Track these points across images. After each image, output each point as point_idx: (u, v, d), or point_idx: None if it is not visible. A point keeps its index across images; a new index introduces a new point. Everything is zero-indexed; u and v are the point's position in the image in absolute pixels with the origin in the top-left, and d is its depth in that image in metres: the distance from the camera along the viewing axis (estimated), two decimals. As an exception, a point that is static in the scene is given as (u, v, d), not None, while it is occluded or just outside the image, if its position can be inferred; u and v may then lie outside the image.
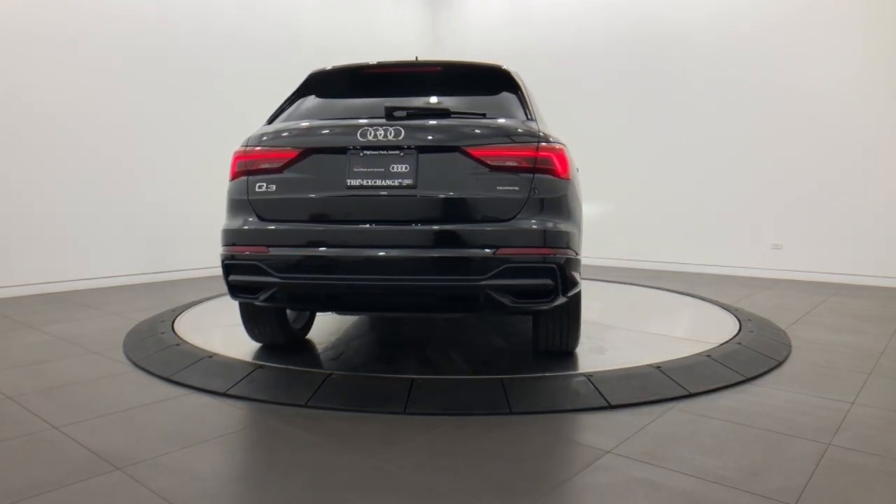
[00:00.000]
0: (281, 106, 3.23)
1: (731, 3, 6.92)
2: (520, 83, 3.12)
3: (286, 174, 2.78)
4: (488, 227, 2.58)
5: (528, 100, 3.02)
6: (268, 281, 2.70)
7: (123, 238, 6.11)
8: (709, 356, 3.15)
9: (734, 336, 3.60)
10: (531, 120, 2.87)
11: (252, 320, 3.30)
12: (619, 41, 7.78)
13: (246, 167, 2.87)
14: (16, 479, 1.95)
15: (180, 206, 6.47)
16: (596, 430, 2.35)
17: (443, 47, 9.48)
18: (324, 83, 3.24)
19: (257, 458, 2.10)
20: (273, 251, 2.70)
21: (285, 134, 2.86)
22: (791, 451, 2.16)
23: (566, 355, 3.20)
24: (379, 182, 2.66)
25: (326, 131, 2.84)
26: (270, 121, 3.13)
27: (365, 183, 2.67)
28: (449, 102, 3.01)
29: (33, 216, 5.55)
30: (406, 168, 2.65)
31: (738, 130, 6.93)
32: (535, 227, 2.59)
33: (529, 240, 2.58)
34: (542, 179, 2.64)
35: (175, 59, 6.43)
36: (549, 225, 2.62)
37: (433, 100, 3.06)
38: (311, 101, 3.18)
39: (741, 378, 2.94)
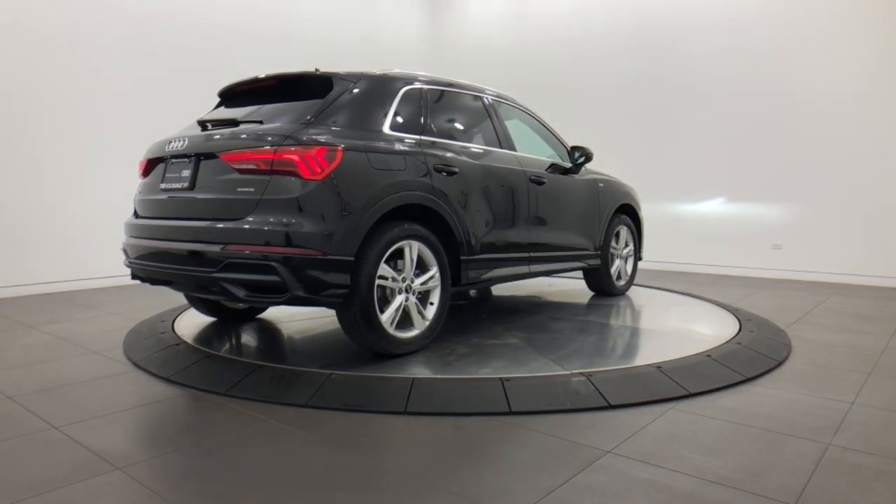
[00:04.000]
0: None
1: (734, 1, 6.92)
2: (337, 86, 3.18)
3: (145, 180, 3.44)
4: (222, 226, 2.85)
5: (326, 104, 3.09)
6: (127, 263, 3.44)
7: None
8: (709, 356, 3.15)
9: (734, 336, 3.59)
10: (305, 123, 2.95)
11: (186, 297, 3.96)
12: (619, 39, 7.78)
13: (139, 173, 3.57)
14: (16, 479, 1.95)
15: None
16: (596, 430, 2.35)
17: (443, 45, 9.49)
18: (226, 97, 3.71)
19: (257, 458, 2.10)
20: (128, 240, 3.43)
21: (149, 146, 3.49)
22: (791, 451, 2.16)
23: (385, 357, 3.11)
24: (174, 186, 3.15)
25: (158, 144, 3.39)
26: None
27: (168, 187, 3.19)
28: (276, 109, 3.21)
29: (33, 216, 5.55)
30: (188, 173, 3.08)
31: (739, 129, 6.93)
32: (260, 225, 2.76)
33: (253, 237, 2.76)
34: (280, 181, 2.78)
35: (174, 57, 6.43)
36: (278, 224, 2.74)
37: (265, 108, 3.28)
38: (216, 112, 3.63)
39: (741, 378, 2.94)
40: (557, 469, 2.01)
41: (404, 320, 3.17)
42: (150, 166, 3.40)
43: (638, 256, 5.41)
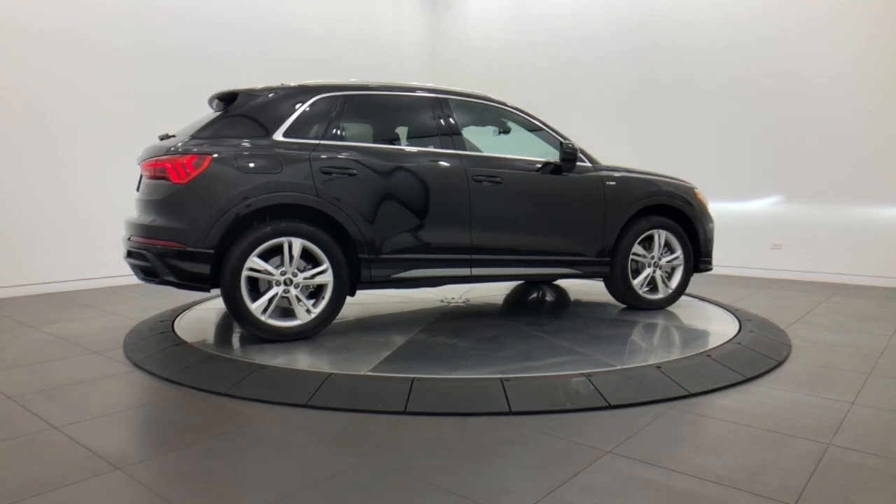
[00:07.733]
0: None
1: (734, 1, 6.92)
2: (240, 100, 3.60)
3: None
4: (131, 221, 3.56)
5: (222, 117, 3.55)
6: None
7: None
8: (709, 356, 3.15)
9: (734, 336, 3.59)
10: (194, 135, 3.43)
11: None
12: (619, 38, 7.78)
13: None
14: (16, 479, 1.95)
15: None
16: (596, 430, 2.35)
17: (443, 45, 9.48)
18: (210, 106, 4.03)
19: (258, 459, 2.10)
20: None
21: None
22: (791, 451, 2.16)
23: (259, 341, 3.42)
24: (137, 189, 3.74)
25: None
26: None
27: (136, 189, 3.76)
28: (196, 122, 3.67)
29: (33, 216, 5.55)
30: (139, 179, 3.70)
31: (739, 129, 6.92)
32: (142, 221, 3.43)
33: (138, 231, 3.44)
34: (158, 184, 3.36)
35: (174, 57, 6.42)
36: (151, 220, 3.38)
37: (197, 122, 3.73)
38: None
39: (741, 378, 2.94)
40: (557, 469, 2.01)
41: (289, 311, 3.47)
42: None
43: (691, 266, 4.63)
